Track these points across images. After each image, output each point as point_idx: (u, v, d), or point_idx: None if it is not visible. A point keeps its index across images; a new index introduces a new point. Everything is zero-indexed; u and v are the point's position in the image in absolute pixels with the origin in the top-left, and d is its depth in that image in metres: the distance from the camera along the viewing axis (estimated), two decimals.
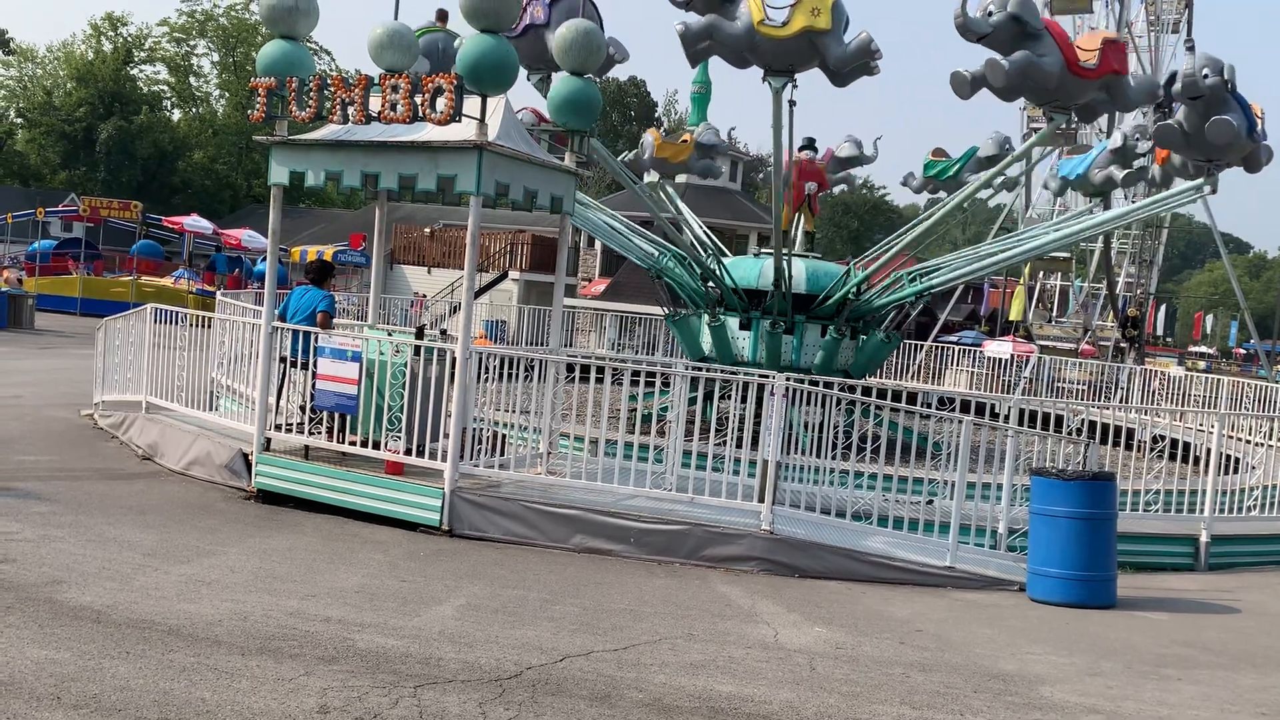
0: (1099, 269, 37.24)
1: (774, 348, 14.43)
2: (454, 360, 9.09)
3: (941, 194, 17.40)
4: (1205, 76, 12.24)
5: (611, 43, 13.27)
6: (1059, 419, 12.50)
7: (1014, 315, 37.47)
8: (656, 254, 16.17)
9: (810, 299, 14.77)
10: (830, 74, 12.34)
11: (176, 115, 70.48)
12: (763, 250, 17.18)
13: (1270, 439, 13.47)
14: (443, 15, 13.63)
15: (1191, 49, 13.80)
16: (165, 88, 70.42)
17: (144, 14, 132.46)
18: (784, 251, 14.47)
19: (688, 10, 12.18)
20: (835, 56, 11.95)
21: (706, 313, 15.12)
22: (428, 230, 39.65)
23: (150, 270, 37.17)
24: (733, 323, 15.17)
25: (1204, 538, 10.26)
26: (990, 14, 11.70)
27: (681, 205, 18.16)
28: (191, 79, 70.69)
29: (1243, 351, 70.17)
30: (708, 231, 17.32)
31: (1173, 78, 12.99)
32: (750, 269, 15.33)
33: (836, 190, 19.81)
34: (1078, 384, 24.16)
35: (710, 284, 15.45)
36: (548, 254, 35.44)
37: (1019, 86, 12.15)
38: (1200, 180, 14.06)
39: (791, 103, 12.82)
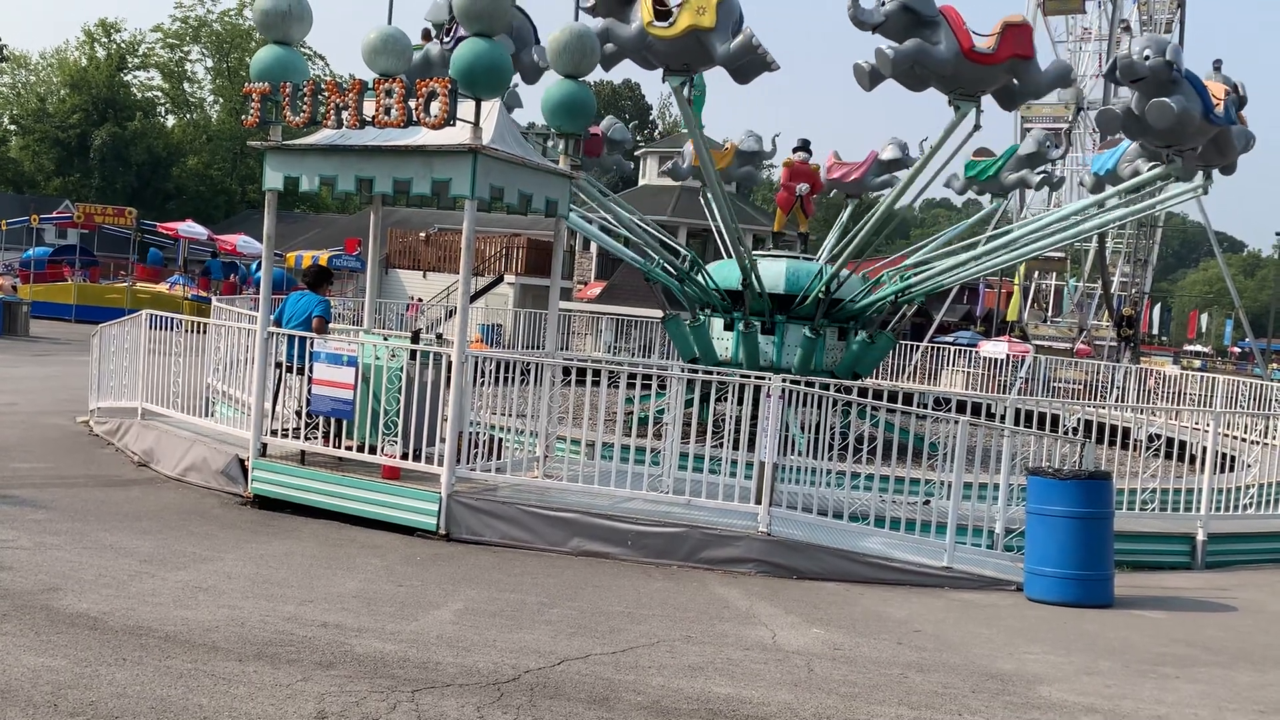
0: (1094, 268, 37.31)
1: (750, 348, 14.43)
2: (450, 364, 9.09)
3: (984, 195, 17.33)
4: (1146, 58, 12.19)
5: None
6: (1055, 419, 12.51)
7: (1010, 315, 37.53)
8: (679, 259, 16.16)
9: (791, 299, 14.77)
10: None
11: (171, 121, 70.43)
12: (759, 253, 17.15)
13: (1266, 437, 13.50)
14: (426, 35, 13.70)
15: (1127, 29, 13.74)
16: (159, 94, 70.37)
17: (138, 20, 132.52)
18: (792, 252, 14.49)
19: (594, 16, 12.29)
20: (721, 54, 12.04)
21: (728, 318, 15.12)
22: (423, 234, 39.70)
23: (145, 276, 37.13)
24: (718, 323, 15.18)
25: (1200, 536, 10.27)
26: (883, 4, 11.73)
27: (638, 216, 18.03)
28: (185, 85, 70.64)
29: (1238, 350, 70.35)
30: (671, 239, 17.33)
31: (1114, 65, 12.97)
32: (774, 273, 15.27)
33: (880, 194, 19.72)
34: (1073, 384, 24.19)
35: (690, 286, 15.49)
36: (543, 257, 35.45)
37: (914, 74, 12.16)
38: (1160, 169, 14.09)
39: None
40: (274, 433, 9.80)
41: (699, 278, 15.46)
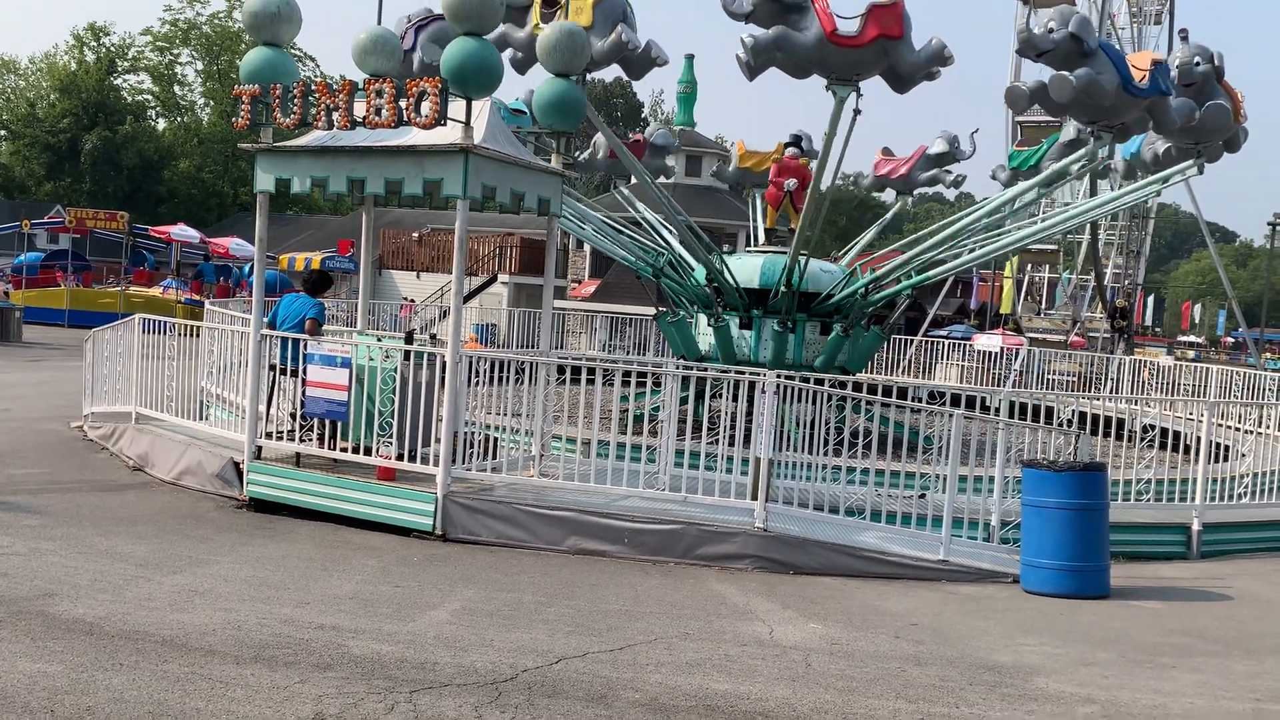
0: (1087, 260, 37.38)
1: (779, 346, 14.44)
2: (444, 364, 9.08)
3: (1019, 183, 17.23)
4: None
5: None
6: (1050, 411, 12.53)
7: (1004, 308, 37.60)
8: (653, 256, 16.14)
9: (811, 297, 14.78)
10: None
11: (161, 125, 70.23)
12: (749, 249, 17.16)
13: (1260, 426, 13.53)
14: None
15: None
16: (150, 97, 70.16)
17: (127, 23, 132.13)
18: (802, 252, 14.44)
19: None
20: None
21: (708, 313, 15.10)
22: (415, 235, 39.65)
23: (137, 280, 37.04)
24: (734, 322, 15.19)
25: (1196, 526, 10.30)
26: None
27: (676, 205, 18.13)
28: (176, 88, 70.46)
29: (1231, 340, 70.50)
30: (700, 233, 17.31)
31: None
32: (751, 267, 15.30)
33: (932, 190, 19.62)
34: (1068, 375, 24.24)
35: (713, 284, 15.43)
36: (537, 256, 35.45)
37: (788, 61, 12.10)
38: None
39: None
40: (269, 435, 9.78)
41: (725, 275, 15.41)
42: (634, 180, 18.74)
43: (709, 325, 14.99)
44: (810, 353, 14.77)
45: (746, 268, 15.20)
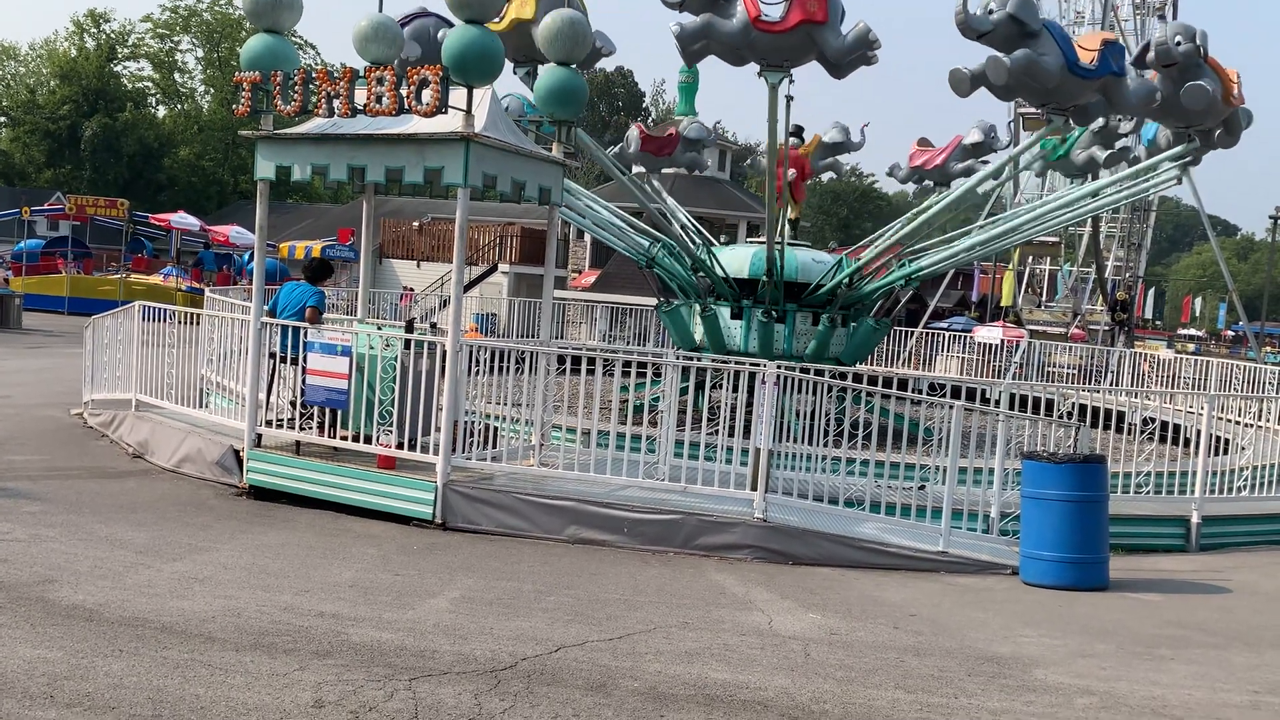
0: (1088, 253, 37.32)
1: (766, 337, 14.45)
2: (444, 353, 9.07)
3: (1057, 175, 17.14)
4: (1178, 44, 12.14)
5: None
6: (1050, 403, 12.53)
7: (1004, 301, 37.55)
8: (648, 244, 16.15)
9: (802, 287, 14.78)
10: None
11: (161, 112, 70.12)
12: (749, 239, 17.15)
13: (1259, 420, 13.52)
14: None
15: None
16: (150, 84, 70.04)
17: (127, 10, 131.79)
18: (776, 241, 14.46)
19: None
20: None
21: (698, 303, 15.13)
22: (416, 224, 39.60)
23: (138, 267, 36.98)
24: (724, 312, 15.19)
25: (1195, 519, 10.31)
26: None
27: (667, 196, 18.12)
28: (176, 75, 70.32)
29: (1231, 333, 70.49)
30: (695, 223, 17.30)
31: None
32: (742, 258, 15.32)
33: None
34: (1068, 368, 24.23)
35: (701, 274, 15.46)
36: (537, 246, 35.39)
37: (721, 49, 12.12)
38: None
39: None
40: (269, 423, 9.78)
41: (711, 265, 15.43)
42: (662, 172, 18.76)
43: (700, 315, 15.02)
44: (800, 343, 14.78)
45: (736, 259, 15.20)
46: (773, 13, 11.84)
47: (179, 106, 70.31)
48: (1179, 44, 12.26)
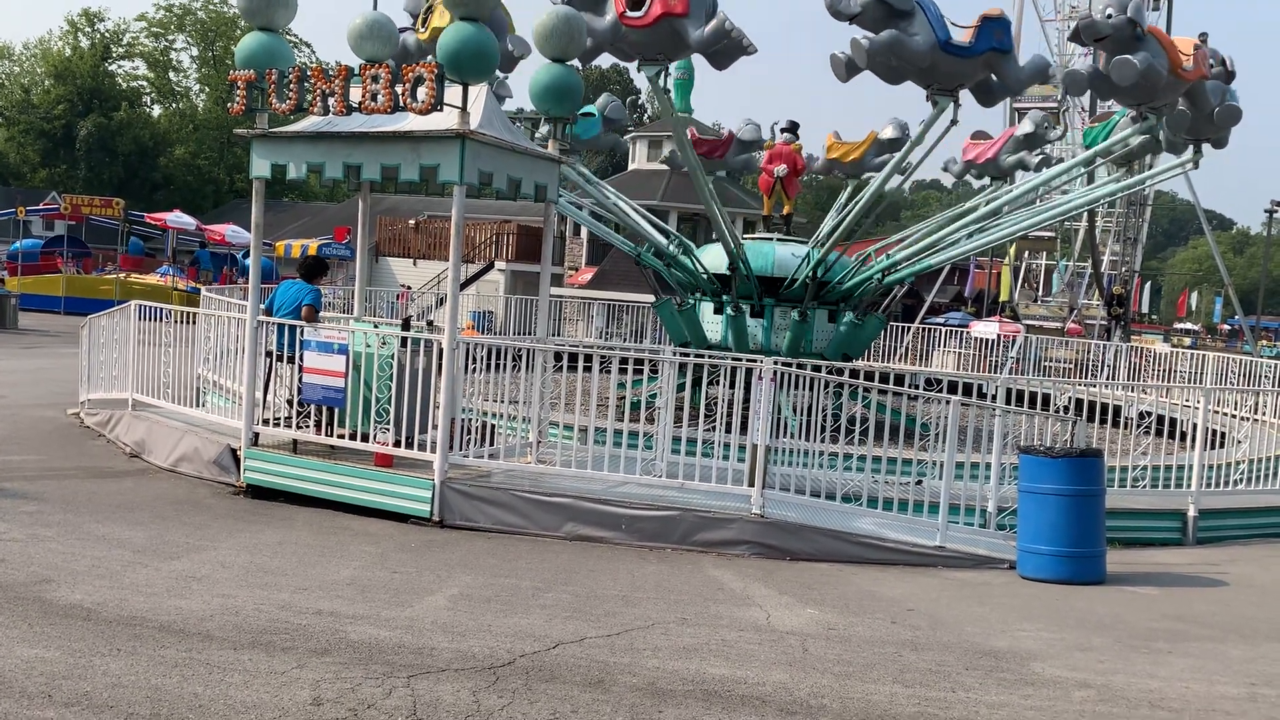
0: (1084, 248, 37.38)
1: (739, 330, 14.44)
2: (441, 351, 9.07)
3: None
4: (1109, 16, 12.03)
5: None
6: (1046, 398, 12.55)
7: (1001, 296, 37.60)
8: (666, 242, 16.16)
9: (780, 281, 14.77)
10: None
11: (156, 111, 70.01)
12: (748, 236, 17.13)
13: (1255, 413, 13.55)
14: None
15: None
16: (144, 83, 69.93)
17: (121, 9, 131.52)
18: (778, 236, 14.48)
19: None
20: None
21: (717, 302, 15.14)
22: (412, 222, 39.57)
23: (128, 266, 36.82)
24: (707, 307, 15.21)
25: (1192, 512, 10.33)
26: None
27: (625, 201, 18.04)
28: (171, 74, 70.19)
29: (1227, 327, 70.58)
30: (662, 224, 17.36)
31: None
32: (762, 256, 15.28)
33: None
34: (1064, 363, 24.27)
35: (679, 270, 15.52)
36: (534, 244, 35.37)
37: (609, 46, 12.23)
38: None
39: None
40: (266, 422, 9.77)
41: (688, 261, 15.49)
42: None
43: (714, 314, 15.02)
44: (778, 338, 14.80)
45: (719, 254, 15.21)
46: (636, 10, 11.93)
47: (174, 105, 70.19)
48: (1109, 16, 12.09)
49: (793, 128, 16.90)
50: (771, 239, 15.84)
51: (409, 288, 32.80)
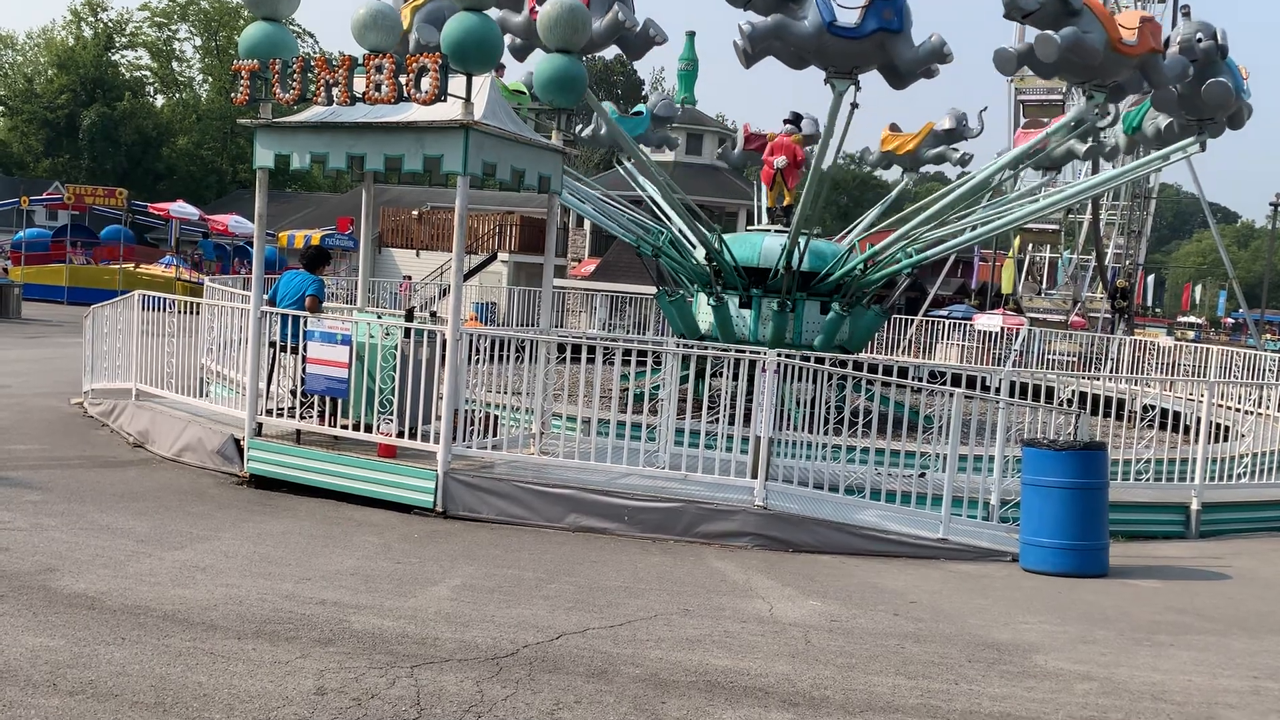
0: (1088, 240, 37.26)
1: (779, 326, 14.41)
2: (444, 342, 9.07)
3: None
4: (1199, 40, 12.08)
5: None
6: (1050, 391, 12.53)
7: (1004, 288, 37.52)
8: (654, 233, 16.11)
9: (810, 276, 14.74)
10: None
11: (160, 101, 69.92)
12: (749, 228, 17.12)
13: (1259, 407, 13.53)
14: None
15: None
16: (148, 73, 69.83)
17: None
18: (803, 232, 14.36)
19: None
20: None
21: (708, 292, 15.10)
22: (415, 213, 39.53)
23: (109, 256, 36.53)
24: (733, 301, 15.17)
25: (1195, 505, 10.32)
26: None
27: (674, 184, 18.07)
28: (174, 64, 70.12)
29: (1231, 321, 70.46)
30: (700, 210, 17.28)
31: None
32: (750, 247, 15.28)
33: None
34: (1068, 355, 24.24)
35: (712, 263, 15.41)
36: (537, 235, 35.36)
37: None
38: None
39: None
40: (269, 412, 9.78)
41: (724, 253, 15.42)
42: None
43: (709, 304, 15.00)
44: (810, 333, 14.77)
45: (752, 247, 15.17)
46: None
47: (177, 95, 70.11)
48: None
49: (795, 119, 16.85)
50: (768, 230, 15.80)
51: (411, 278, 32.79)
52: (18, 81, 64.77)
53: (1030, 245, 39.41)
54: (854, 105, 12.49)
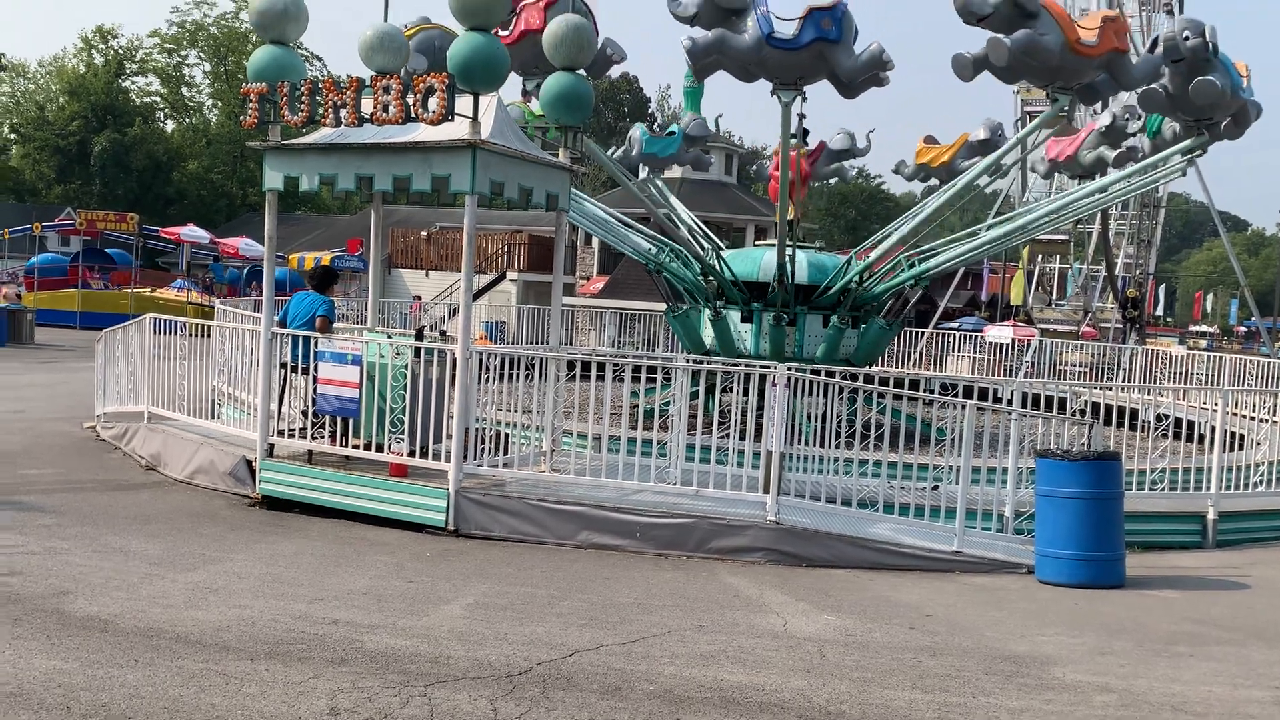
0: (1098, 250, 37.19)
1: (777, 340, 14.41)
2: (454, 361, 9.08)
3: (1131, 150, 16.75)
4: (1186, 39, 12.04)
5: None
6: (1062, 401, 12.48)
7: (1014, 300, 37.45)
8: (655, 249, 16.16)
9: (811, 289, 14.75)
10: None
11: (170, 126, 70.44)
12: (757, 243, 17.14)
13: (1274, 415, 13.44)
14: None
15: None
16: (158, 99, 70.38)
17: (134, 26, 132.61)
18: (787, 245, 14.40)
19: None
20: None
21: (708, 307, 15.13)
22: (424, 233, 39.68)
23: (115, 283, 36.58)
24: (734, 316, 15.17)
25: (1211, 515, 10.24)
26: None
27: (674, 200, 18.11)
28: (184, 89, 70.65)
29: (1243, 329, 70.11)
30: (702, 226, 17.31)
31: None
32: (750, 261, 15.32)
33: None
34: (1079, 366, 24.14)
35: (709, 278, 15.46)
36: (545, 253, 35.39)
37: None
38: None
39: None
40: (280, 433, 9.80)
41: (720, 269, 15.48)
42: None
43: (710, 319, 15.04)
44: (811, 347, 14.75)
45: (752, 262, 15.18)
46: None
47: (187, 120, 70.63)
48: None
49: (801, 133, 16.89)
50: (771, 245, 15.81)
51: (419, 298, 32.87)
52: (30, 109, 65.35)
53: (1040, 256, 39.35)
54: (801, 116, 12.57)
